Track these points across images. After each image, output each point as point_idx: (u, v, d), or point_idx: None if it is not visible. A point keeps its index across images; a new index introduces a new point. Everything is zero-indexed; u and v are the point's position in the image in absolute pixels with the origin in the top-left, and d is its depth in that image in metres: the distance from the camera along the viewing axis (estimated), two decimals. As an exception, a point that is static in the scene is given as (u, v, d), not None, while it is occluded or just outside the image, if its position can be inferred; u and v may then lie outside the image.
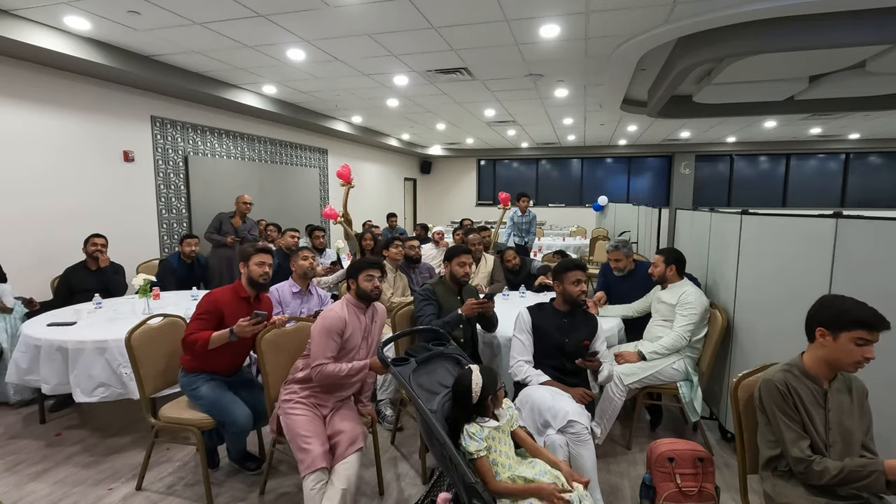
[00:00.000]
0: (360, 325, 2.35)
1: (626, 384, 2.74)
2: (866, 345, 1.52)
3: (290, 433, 2.15)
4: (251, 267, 2.53)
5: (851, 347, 1.53)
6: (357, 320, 2.34)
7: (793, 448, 1.57)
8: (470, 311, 2.65)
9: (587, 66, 5.27)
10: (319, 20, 3.93)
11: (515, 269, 4.56)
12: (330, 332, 2.22)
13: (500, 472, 1.74)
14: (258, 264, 2.53)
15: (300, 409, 2.20)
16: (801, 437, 1.58)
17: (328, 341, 2.21)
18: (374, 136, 10.27)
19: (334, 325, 2.23)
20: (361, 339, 2.35)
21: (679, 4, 3.58)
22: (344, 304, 2.34)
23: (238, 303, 2.53)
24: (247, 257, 2.54)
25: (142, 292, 3.48)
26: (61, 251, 4.52)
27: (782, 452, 1.63)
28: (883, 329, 1.51)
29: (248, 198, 5.38)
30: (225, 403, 2.38)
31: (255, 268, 2.53)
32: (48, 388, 2.83)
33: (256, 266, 2.53)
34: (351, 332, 2.29)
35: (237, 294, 2.54)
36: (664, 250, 3.08)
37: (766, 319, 2.61)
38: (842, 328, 1.54)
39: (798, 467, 1.57)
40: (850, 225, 2.12)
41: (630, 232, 8.21)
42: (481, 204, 14.48)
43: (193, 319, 2.41)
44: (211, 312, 2.41)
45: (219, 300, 2.46)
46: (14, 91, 4.34)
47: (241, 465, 2.67)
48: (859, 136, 11.01)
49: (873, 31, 3.45)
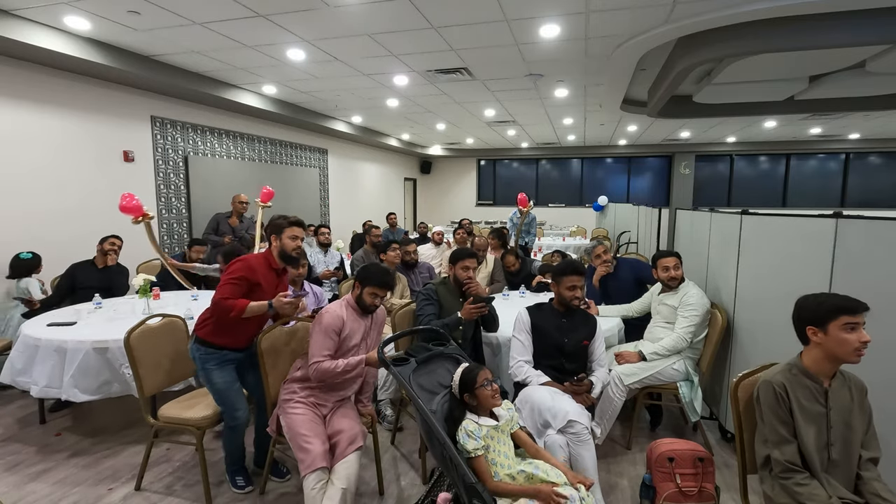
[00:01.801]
0: (359, 326, 2.35)
1: (626, 384, 2.74)
2: (856, 329, 1.55)
3: (290, 432, 2.15)
4: (284, 240, 2.39)
5: (843, 336, 1.55)
6: (356, 322, 2.33)
7: (775, 450, 1.61)
8: (469, 316, 2.65)
9: (587, 66, 5.27)
10: (319, 20, 3.93)
11: (515, 270, 4.57)
12: (327, 331, 2.21)
13: (498, 472, 1.74)
14: (291, 238, 2.40)
15: (300, 409, 2.20)
16: (786, 442, 1.60)
17: (325, 339, 2.21)
18: (374, 136, 10.27)
19: (332, 323, 2.23)
20: (361, 339, 2.35)
21: (679, 4, 3.58)
22: (343, 305, 2.34)
23: (270, 273, 2.42)
24: (279, 229, 2.40)
25: (142, 292, 3.48)
26: (61, 251, 4.51)
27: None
28: (862, 310, 1.56)
29: (245, 197, 5.38)
30: (232, 396, 2.38)
31: (289, 241, 2.39)
32: (37, 389, 2.79)
33: (290, 239, 2.39)
34: (349, 332, 2.29)
35: (269, 264, 2.43)
36: (675, 252, 3.07)
37: (766, 319, 2.61)
38: (826, 320, 1.58)
39: (777, 468, 1.60)
40: (850, 225, 2.12)
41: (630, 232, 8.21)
42: (481, 204, 14.48)
43: (225, 283, 2.28)
44: (245, 279, 2.29)
45: (254, 267, 2.34)
46: (14, 91, 4.34)
47: (231, 479, 2.53)
48: (859, 136, 11.01)
49: (873, 31, 3.45)
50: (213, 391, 2.41)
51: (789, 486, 1.56)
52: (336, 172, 9.87)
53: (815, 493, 1.52)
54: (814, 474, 1.58)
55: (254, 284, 2.33)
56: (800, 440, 1.60)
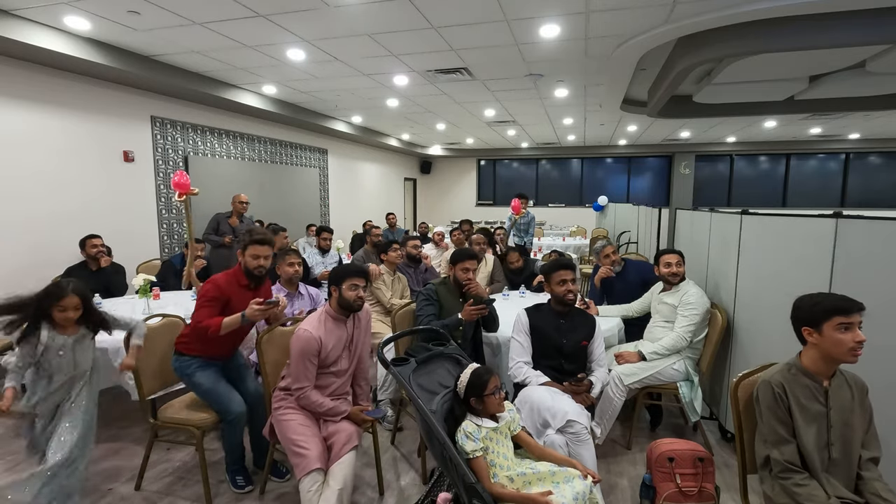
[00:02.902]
0: (341, 335, 2.31)
1: (626, 384, 2.74)
2: (850, 329, 1.55)
3: (283, 439, 2.15)
4: (246, 258, 2.52)
5: (838, 336, 1.56)
6: (334, 334, 2.28)
7: (774, 450, 1.61)
8: (469, 317, 2.65)
9: (587, 66, 5.27)
10: (319, 20, 3.93)
11: (518, 269, 4.57)
12: (304, 356, 2.18)
13: (497, 473, 1.74)
14: (253, 256, 2.51)
15: (292, 413, 2.20)
16: (785, 442, 1.60)
17: (306, 365, 2.18)
18: (374, 136, 10.27)
19: (308, 348, 2.18)
20: (343, 349, 2.32)
21: (679, 4, 3.58)
22: (321, 318, 2.28)
23: (240, 289, 2.51)
24: (244, 247, 2.53)
25: (142, 292, 3.48)
26: (61, 251, 4.51)
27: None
28: (857, 310, 1.56)
29: (245, 197, 5.38)
30: (221, 391, 2.41)
31: (250, 259, 2.51)
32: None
33: (251, 258, 2.51)
34: (330, 349, 2.25)
35: (238, 281, 2.52)
36: (676, 250, 3.08)
37: (766, 319, 2.61)
38: (821, 320, 1.59)
39: (776, 468, 1.60)
40: (850, 225, 2.12)
41: (630, 232, 8.21)
42: (481, 204, 14.48)
43: (200, 307, 2.40)
44: (218, 298, 2.41)
45: (223, 286, 2.45)
46: (14, 91, 4.34)
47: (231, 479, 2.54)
48: (859, 136, 11.01)
49: (873, 31, 3.45)
50: (200, 393, 2.43)
51: (788, 487, 1.56)
52: (336, 172, 9.87)
53: (814, 493, 1.52)
54: (814, 474, 1.58)
55: (227, 302, 2.43)
56: (799, 440, 1.60)
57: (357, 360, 2.42)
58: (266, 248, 2.53)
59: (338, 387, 2.32)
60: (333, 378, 2.31)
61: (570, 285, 2.54)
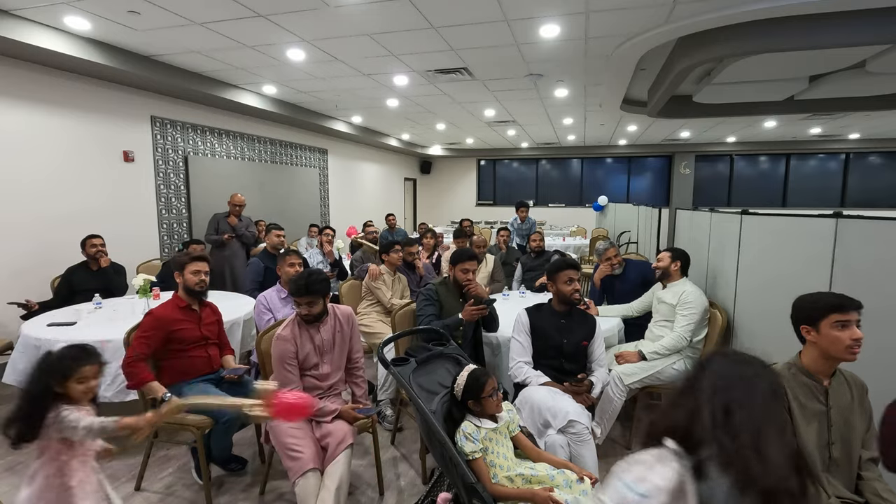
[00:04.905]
0: (314, 343, 2.30)
1: (627, 384, 2.74)
2: (847, 326, 1.55)
3: (277, 443, 2.15)
4: (186, 276, 2.56)
5: (835, 334, 1.56)
6: (309, 340, 2.29)
7: None
8: (470, 317, 2.65)
9: (587, 66, 5.27)
10: (319, 20, 3.93)
11: (539, 250, 4.75)
12: (282, 361, 2.20)
13: (497, 474, 1.74)
14: (193, 273, 2.56)
15: None
16: None
17: (285, 372, 2.20)
18: (374, 136, 10.27)
19: (284, 354, 2.20)
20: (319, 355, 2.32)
21: (679, 4, 3.58)
22: (294, 322, 2.30)
23: (182, 313, 2.54)
24: (181, 266, 2.57)
25: (142, 292, 3.48)
26: (61, 251, 4.51)
27: None
28: (853, 308, 1.56)
29: (240, 198, 5.38)
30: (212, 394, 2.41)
31: (191, 276, 2.56)
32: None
33: (192, 275, 2.56)
34: (307, 351, 2.27)
35: (177, 306, 2.55)
36: (672, 248, 3.14)
37: (766, 319, 2.61)
38: (818, 319, 1.59)
39: None
40: (850, 225, 2.12)
41: (630, 232, 8.21)
42: (481, 204, 14.48)
43: (137, 338, 2.40)
44: (156, 329, 2.42)
45: (162, 318, 2.46)
46: (14, 91, 4.34)
47: (224, 467, 2.65)
48: (859, 136, 11.01)
49: (873, 31, 3.44)
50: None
51: None
52: (336, 172, 9.87)
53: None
54: (814, 474, 1.58)
55: (169, 332, 2.45)
56: (799, 439, 1.60)
57: (346, 362, 2.44)
58: (205, 265, 2.61)
59: (324, 390, 2.33)
60: (315, 381, 2.31)
61: (576, 284, 2.56)
